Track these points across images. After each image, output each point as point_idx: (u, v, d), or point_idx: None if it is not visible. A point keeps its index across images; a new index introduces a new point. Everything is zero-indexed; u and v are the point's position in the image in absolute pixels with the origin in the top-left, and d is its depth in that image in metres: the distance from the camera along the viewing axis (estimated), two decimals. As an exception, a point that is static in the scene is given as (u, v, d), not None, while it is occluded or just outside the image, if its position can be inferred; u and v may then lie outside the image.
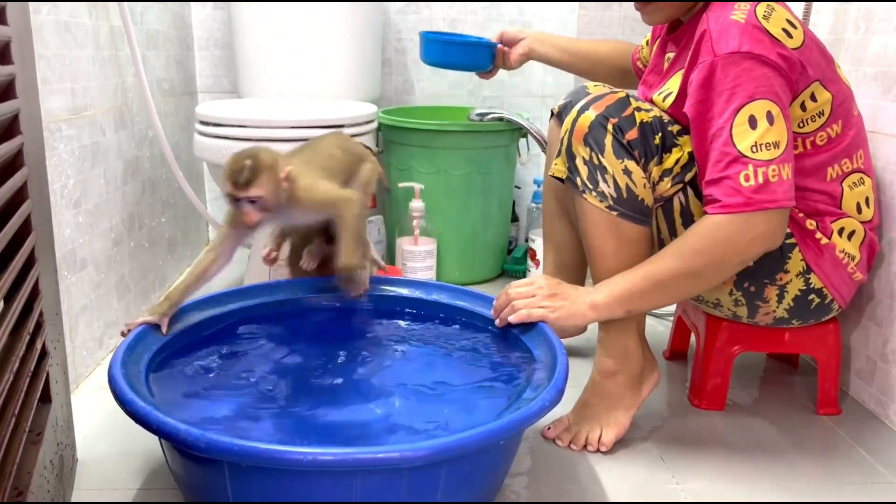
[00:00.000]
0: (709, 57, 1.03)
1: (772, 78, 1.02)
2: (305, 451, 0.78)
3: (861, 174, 1.16)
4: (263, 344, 1.19)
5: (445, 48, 1.65)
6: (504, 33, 1.59)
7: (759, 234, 1.04)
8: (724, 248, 1.04)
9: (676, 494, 1.05)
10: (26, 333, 0.80)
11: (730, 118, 1.01)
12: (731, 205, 1.02)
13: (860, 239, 1.17)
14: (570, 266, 1.36)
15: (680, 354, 1.51)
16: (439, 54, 1.66)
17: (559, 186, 1.31)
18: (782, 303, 1.17)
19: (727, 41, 1.02)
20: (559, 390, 0.94)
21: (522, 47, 1.56)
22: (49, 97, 1.18)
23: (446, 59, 1.66)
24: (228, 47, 2.13)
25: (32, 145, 0.90)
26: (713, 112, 1.03)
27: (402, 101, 2.23)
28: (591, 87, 1.25)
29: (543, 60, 1.57)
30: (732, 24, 1.03)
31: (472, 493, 0.92)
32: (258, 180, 1.06)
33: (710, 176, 1.04)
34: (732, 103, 1.01)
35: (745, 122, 1.01)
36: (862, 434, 1.22)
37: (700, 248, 1.05)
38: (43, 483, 0.82)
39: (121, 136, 1.50)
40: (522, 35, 1.57)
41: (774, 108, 1.02)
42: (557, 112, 1.32)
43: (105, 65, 1.42)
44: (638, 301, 1.09)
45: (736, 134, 1.01)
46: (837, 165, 1.14)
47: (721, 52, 1.02)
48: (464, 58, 1.64)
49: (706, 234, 1.04)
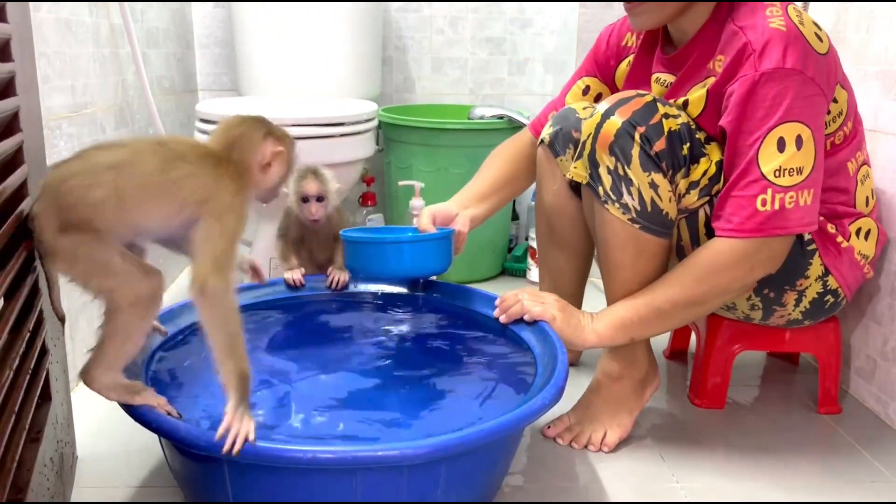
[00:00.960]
0: (751, 72, 0.99)
1: (811, 97, 1.00)
2: (305, 450, 0.78)
3: (867, 167, 1.17)
4: (263, 342, 1.19)
5: (399, 252, 1.18)
6: (436, 214, 1.26)
7: (761, 261, 1.04)
8: (726, 276, 1.05)
9: (676, 493, 1.05)
10: (26, 331, 0.80)
11: (760, 137, 1.00)
12: (742, 229, 1.02)
13: (875, 237, 1.17)
14: (566, 294, 1.30)
15: (680, 353, 1.51)
16: (395, 263, 1.18)
17: (554, 212, 1.28)
18: (799, 306, 1.17)
19: (771, 55, 0.98)
20: (559, 389, 0.94)
21: (464, 225, 1.26)
22: (49, 95, 1.18)
23: (405, 268, 1.19)
24: (229, 45, 2.13)
25: (32, 143, 0.89)
26: (748, 127, 1.01)
27: (403, 100, 2.23)
28: (580, 109, 1.23)
29: (485, 219, 1.33)
30: (774, 33, 0.99)
31: (471, 491, 0.92)
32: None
33: (729, 191, 1.04)
34: (766, 122, 1.00)
35: (774, 144, 1.00)
36: (862, 433, 1.22)
37: (702, 277, 1.05)
38: (43, 481, 0.82)
39: (121, 134, 1.50)
40: (451, 210, 1.28)
41: (805, 132, 1.00)
42: (549, 142, 1.24)
43: (105, 62, 1.42)
44: (639, 329, 1.10)
45: (762, 155, 1.00)
46: (854, 160, 1.14)
47: (765, 68, 0.98)
48: (427, 261, 1.19)
49: (709, 262, 1.05)
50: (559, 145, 1.23)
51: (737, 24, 1.03)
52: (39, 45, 1.14)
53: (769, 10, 1.02)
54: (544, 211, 1.30)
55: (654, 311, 1.08)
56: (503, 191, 1.34)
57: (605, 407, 1.17)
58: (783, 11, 1.02)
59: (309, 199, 1.27)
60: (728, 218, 1.03)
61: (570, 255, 1.31)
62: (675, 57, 1.14)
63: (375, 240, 1.21)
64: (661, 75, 1.18)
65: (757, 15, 1.02)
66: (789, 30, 0.99)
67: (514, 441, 1.02)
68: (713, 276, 1.05)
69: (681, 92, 1.12)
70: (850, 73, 1.34)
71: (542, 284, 1.38)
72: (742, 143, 1.02)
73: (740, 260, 1.04)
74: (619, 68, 1.29)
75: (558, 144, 1.23)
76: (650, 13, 1.10)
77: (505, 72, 2.23)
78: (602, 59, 1.31)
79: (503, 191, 1.34)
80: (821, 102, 1.01)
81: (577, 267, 1.33)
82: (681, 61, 1.14)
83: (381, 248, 1.19)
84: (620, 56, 1.28)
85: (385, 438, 0.94)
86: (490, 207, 1.33)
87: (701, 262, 1.06)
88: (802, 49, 0.99)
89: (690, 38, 1.11)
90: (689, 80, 1.11)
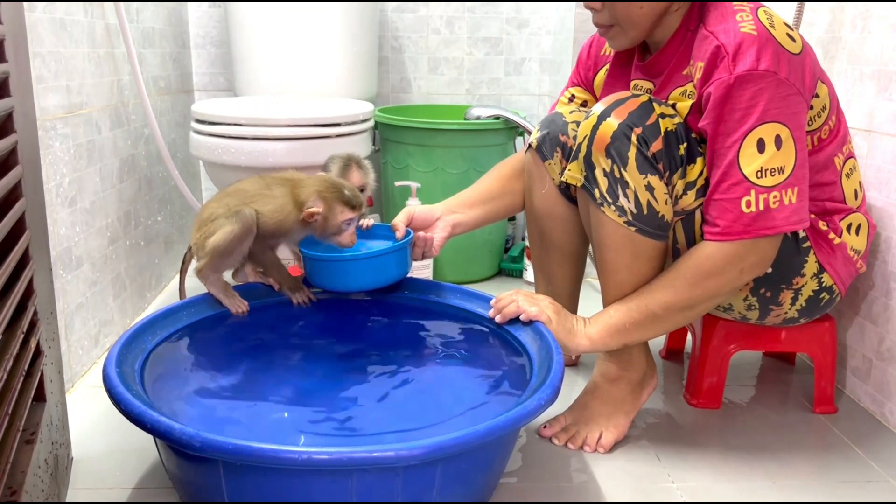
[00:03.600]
0: (725, 75, 1.00)
1: (787, 97, 1.00)
2: (300, 451, 0.78)
3: (853, 160, 1.18)
4: (260, 343, 1.19)
5: (358, 267, 1.21)
6: (414, 215, 1.28)
7: (750, 263, 1.05)
8: (717, 279, 1.05)
9: (672, 493, 1.05)
10: (20, 332, 0.79)
11: (739, 139, 1.01)
12: (729, 232, 1.03)
13: (865, 231, 1.18)
14: (561, 296, 1.30)
15: (676, 353, 1.51)
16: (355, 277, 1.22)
17: (544, 216, 1.28)
18: (795, 304, 1.17)
19: (744, 59, 0.99)
20: (555, 389, 0.94)
21: (444, 230, 1.28)
22: (44, 95, 1.18)
23: (365, 281, 1.23)
24: (225, 45, 2.13)
25: (27, 143, 0.89)
26: (725, 129, 1.01)
27: (399, 100, 2.23)
28: (567, 113, 1.23)
29: (471, 228, 1.32)
30: (746, 37, 1.00)
31: (467, 492, 0.92)
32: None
33: (712, 195, 1.04)
34: (744, 124, 1.00)
35: (754, 146, 1.00)
36: (858, 432, 1.22)
37: (694, 281, 1.06)
38: (37, 482, 0.82)
39: (116, 134, 1.50)
40: (433, 213, 1.29)
41: (784, 131, 1.01)
42: (537, 146, 1.24)
43: (101, 62, 1.42)
44: (632, 333, 1.10)
45: (743, 157, 1.01)
46: (840, 154, 1.15)
47: (739, 71, 0.99)
48: (387, 272, 1.23)
49: (700, 266, 1.05)
50: (547, 149, 1.23)
51: (708, 29, 1.04)
52: (34, 46, 1.14)
53: (739, 16, 1.02)
54: (534, 215, 1.30)
55: (648, 315, 1.08)
56: (495, 202, 1.33)
57: (602, 408, 1.17)
58: (753, 16, 1.02)
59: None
60: (714, 222, 1.04)
61: (562, 259, 1.31)
62: (650, 64, 1.15)
63: (335, 258, 1.21)
64: (639, 82, 1.19)
65: (727, 20, 1.03)
66: (760, 33, 1.00)
67: (510, 441, 1.02)
68: (705, 279, 1.06)
69: (660, 98, 1.13)
70: (845, 73, 1.35)
71: (537, 287, 1.38)
72: (720, 146, 1.02)
73: (730, 263, 1.04)
74: (598, 76, 1.30)
75: (546, 148, 1.24)
76: (624, 35, 1.11)
77: (501, 72, 2.23)
78: (584, 68, 1.33)
79: (495, 202, 1.33)
80: (797, 101, 1.02)
81: (571, 270, 1.33)
82: (656, 68, 1.15)
83: (343, 266, 1.21)
84: (599, 65, 1.30)
85: (380, 439, 0.94)
86: (478, 216, 1.32)
87: (692, 267, 1.06)
88: (775, 51, 1.00)
89: (664, 45, 1.12)
90: (667, 87, 1.12)
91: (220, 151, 1.53)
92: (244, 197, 1.17)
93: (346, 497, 0.82)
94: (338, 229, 1.17)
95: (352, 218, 1.17)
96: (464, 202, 1.32)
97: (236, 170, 1.53)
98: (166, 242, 1.83)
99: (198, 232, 1.18)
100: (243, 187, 1.19)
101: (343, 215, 1.16)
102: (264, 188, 1.18)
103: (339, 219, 1.16)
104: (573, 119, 1.23)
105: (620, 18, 1.09)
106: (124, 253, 1.54)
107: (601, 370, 1.18)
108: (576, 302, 1.36)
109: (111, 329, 1.46)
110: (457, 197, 1.33)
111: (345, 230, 1.18)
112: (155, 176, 1.74)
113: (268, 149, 1.51)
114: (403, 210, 1.29)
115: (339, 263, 1.21)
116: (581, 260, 1.33)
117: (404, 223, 1.26)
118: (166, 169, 1.73)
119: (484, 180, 1.36)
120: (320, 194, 1.15)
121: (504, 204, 1.33)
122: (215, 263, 1.16)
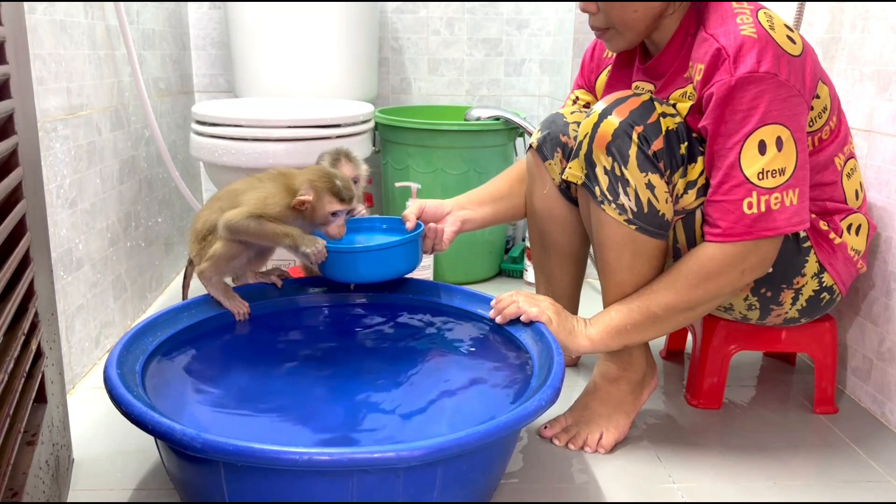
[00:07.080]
0: (727, 76, 1.00)
1: (787, 98, 1.00)
2: (301, 451, 0.78)
3: (854, 160, 1.18)
4: (261, 344, 1.19)
5: (369, 259, 1.21)
6: (426, 208, 1.29)
7: (751, 264, 1.05)
8: (718, 280, 1.05)
9: (673, 493, 1.05)
10: (21, 334, 0.79)
11: (740, 141, 1.01)
12: (731, 233, 1.03)
13: (866, 231, 1.18)
14: (561, 297, 1.31)
15: (676, 353, 1.51)
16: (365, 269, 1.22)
17: (544, 217, 1.28)
18: (796, 304, 1.17)
19: (745, 61, 0.99)
20: (556, 390, 0.94)
21: (454, 224, 1.29)
22: (45, 97, 1.18)
23: (376, 273, 1.23)
24: (225, 46, 2.13)
25: (27, 145, 0.89)
26: (725, 130, 1.01)
27: (399, 101, 2.23)
28: (567, 113, 1.23)
29: (479, 225, 1.33)
30: (746, 40, 1.00)
31: (468, 493, 0.92)
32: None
33: (713, 196, 1.04)
34: (745, 126, 1.00)
35: (755, 147, 1.00)
36: (858, 432, 1.22)
37: (695, 282, 1.06)
38: (38, 484, 0.82)
39: (117, 136, 1.50)
40: (443, 207, 1.31)
41: (785, 133, 1.01)
42: (537, 146, 1.25)
43: (101, 64, 1.42)
44: (633, 334, 1.10)
45: (744, 158, 1.01)
46: (841, 154, 1.15)
47: (740, 73, 0.99)
48: (397, 264, 1.23)
49: (701, 267, 1.05)
50: (547, 149, 1.24)
51: (708, 32, 1.04)
52: (34, 47, 1.14)
53: (739, 19, 1.02)
54: (535, 216, 1.31)
55: (648, 316, 1.08)
56: (504, 202, 1.34)
57: (602, 408, 1.17)
58: (753, 18, 1.02)
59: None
60: (715, 223, 1.04)
61: (563, 259, 1.31)
62: (651, 66, 1.15)
63: (346, 249, 1.21)
64: (641, 84, 1.19)
65: (728, 22, 1.03)
66: (760, 36, 1.00)
67: (511, 442, 1.02)
68: (706, 280, 1.06)
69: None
70: (845, 74, 1.35)
71: (538, 288, 1.38)
72: (721, 147, 1.02)
73: (731, 264, 1.04)
74: (600, 79, 1.30)
75: (546, 149, 1.24)
76: (621, 38, 1.11)
77: (501, 73, 2.23)
78: (587, 71, 1.34)
79: (504, 202, 1.34)
80: (798, 103, 1.02)
81: (571, 270, 1.33)
82: (657, 70, 1.15)
83: (353, 257, 1.21)
84: (601, 68, 1.30)
85: (381, 440, 0.94)
86: (487, 214, 1.33)
87: (693, 268, 1.06)
88: (775, 53, 1.00)
89: (664, 47, 1.12)
90: (668, 89, 1.12)
91: (221, 153, 1.53)
92: (235, 196, 1.17)
93: (346, 498, 0.82)
94: (325, 219, 1.16)
95: (340, 210, 1.16)
96: (473, 200, 1.33)
97: (237, 171, 1.53)
98: (167, 244, 1.83)
99: (197, 244, 1.18)
100: (234, 187, 1.19)
101: (331, 206, 1.15)
102: (255, 182, 1.18)
103: (327, 209, 1.15)
104: (574, 119, 1.23)
105: (616, 21, 1.09)
106: (125, 254, 1.54)
107: (601, 371, 1.18)
108: (576, 303, 1.37)
109: (112, 330, 1.46)
110: (466, 195, 1.35)
111: (332, 221, 1.17)
112: (155, 177, 1.74)
113: (268, 150, 1.52)
114: (414, 203, 1.30)
115: (349, 255, 1.20)
116: (581, 261, 1.33)
117: (415, 215, 1.27)
118: (167, 170, 1.73)
119: (493, 182, 1.38)
120: (312, 183, 1.14)
121: (512, 204, 1.35)
122: (218, 266, 1.16)
